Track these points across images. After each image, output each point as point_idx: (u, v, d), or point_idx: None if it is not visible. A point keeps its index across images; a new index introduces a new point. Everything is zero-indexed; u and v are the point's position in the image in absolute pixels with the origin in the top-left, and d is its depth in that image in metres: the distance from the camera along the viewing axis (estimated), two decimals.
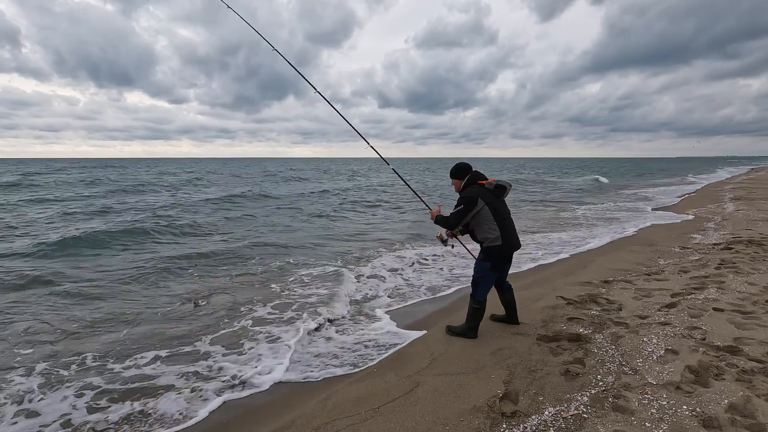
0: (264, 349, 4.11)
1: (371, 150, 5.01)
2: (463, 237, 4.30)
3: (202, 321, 4.88)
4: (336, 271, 6.84)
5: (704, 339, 3.55)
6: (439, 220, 3.93)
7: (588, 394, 2.83)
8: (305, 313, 4.98)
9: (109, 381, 3.60)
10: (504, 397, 2.86)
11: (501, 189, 3.79)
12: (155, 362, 3.92)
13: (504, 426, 2.57)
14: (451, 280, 6.37)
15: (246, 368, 3.75)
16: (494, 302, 4.23)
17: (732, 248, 6.94)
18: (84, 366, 3.86)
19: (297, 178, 38.01)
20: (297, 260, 7.75)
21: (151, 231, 10.59)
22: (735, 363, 3.11)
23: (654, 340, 3.56)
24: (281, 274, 6.84)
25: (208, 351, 4.12)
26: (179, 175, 40.48)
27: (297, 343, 4.20)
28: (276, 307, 5.28)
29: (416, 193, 4.80)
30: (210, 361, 3.91)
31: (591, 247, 8.20)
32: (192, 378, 3.63)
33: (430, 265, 7.28)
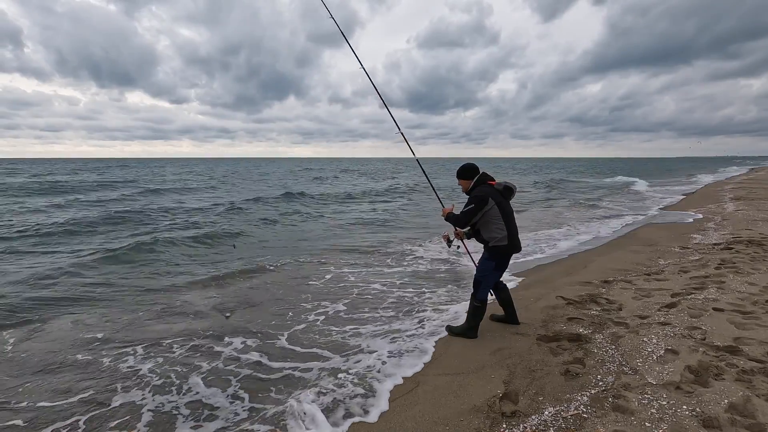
0: None
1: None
2: (468, 242, 4.33)
3: None
4: None
5: (704, 339, 3.55)
6: (450, 218, 4.01)
7: (588, 394, 2.83)
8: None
9: None
10: (504, 397, 2.86)
11: (508, 191, 3.86)
12: None
13: (504, 426, 2.57)
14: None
15: None
16: (493, 303, 4.24)
17: (732, 248, 6.93)
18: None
19: (331, 178, 36.66)
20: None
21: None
22: (735, 363, 3.11)
23: (654, 340, 3.56)
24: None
25: None
26: (206, 174, 41.21)
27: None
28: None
29: (434, 190, 4.78)
30: None
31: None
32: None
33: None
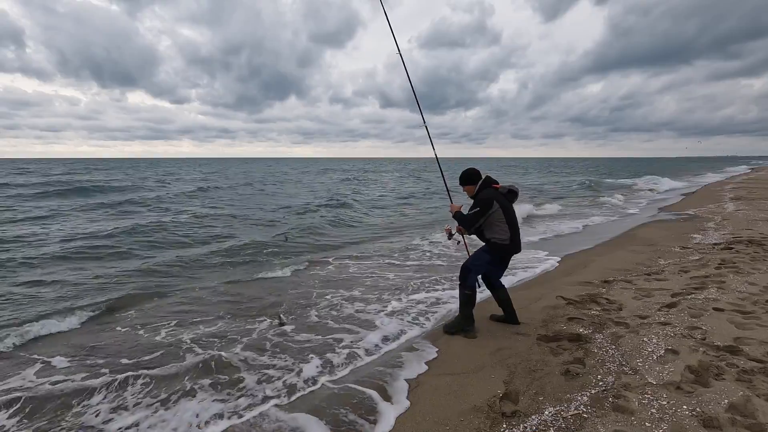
0: None
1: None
2: (469, 237, 4.37)
3: None
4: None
5: (704, 339, 3.54)
6: (458, 216, 4.09)
7: (588, 394, 2.83)
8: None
9: None
10: (504, 397, 2.86)
11: (513, 194, 3.99)
12: None
13: (504, 426, 2.57)
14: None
15: None
16: (492, 304, 4.24)
17: (732, 248, 6.93)
18: None
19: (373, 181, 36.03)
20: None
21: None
22: (735, 363, 3.11)
23: (654, 340, 3.56)
24: None
25: None
26: (240, 174, 41.86)
27: None
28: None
29: (446, 186, 4.80)
30: None
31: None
32: None
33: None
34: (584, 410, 2.65)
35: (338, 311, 4.99)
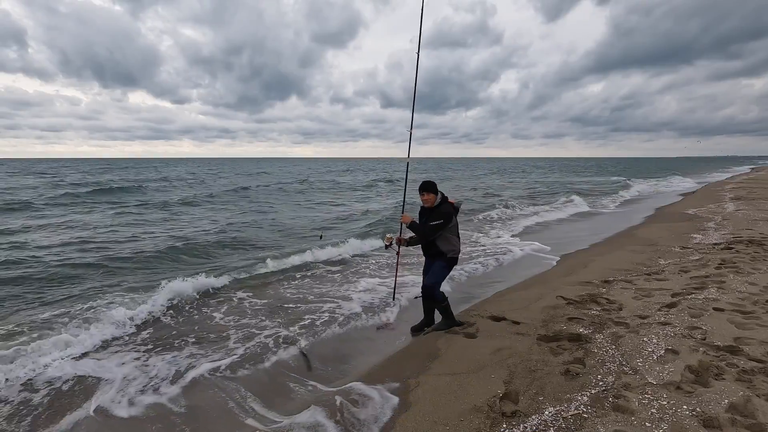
0: None
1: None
2: (405, 249, 4.54)
3: None
4: None
5: (704, 339, 3.54)
6: (415, 227, 4.17)
7: (588, 394, 2.83)
8: None
9: None
10: (504, 397, 2.86)
11: (458, 210, 4.21)
12: None
13: (504, 426, 2.57)
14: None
15: None
16: (494, 303, 4.24)
17: (732, 248, 6.93)
18: None
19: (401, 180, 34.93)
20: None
21: None
22: (735, 363, 3.11)
23: (654, 340, 3.56)
24: None
25: None
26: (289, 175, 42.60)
27: None
28: None
29: (404, 194, 4.97)
30: None
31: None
32: None
33: None
34: (584, 410, 2.65)
35: None
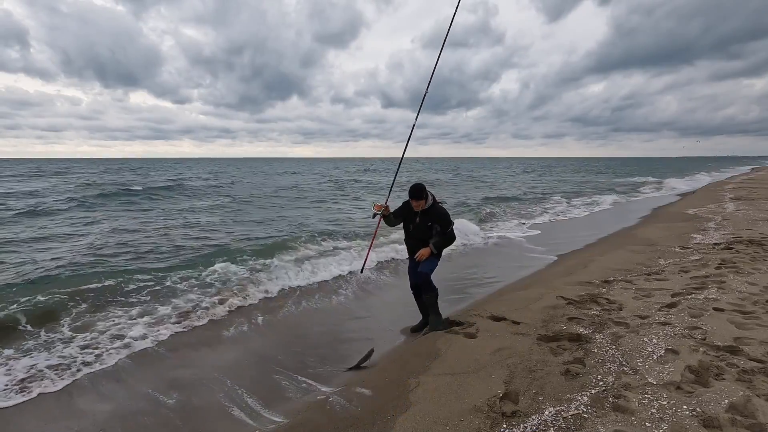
0: None
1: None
2: (380, 225, 4.36)
3: None
4: None
5: (704, 339, 3.54)
6: (441, 244, 4.10)
7: (588, 394, 2.82)
8: None
9: None
10: (504, 397, 2.86)
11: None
12: None
13: (504, 426, 2.57)
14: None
15: None
16: (494, 303, 4.23)
17: (732, 248, 6.93)
18: None
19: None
20: None
21: None
22: (735, 363, 3.11)
23: (654, 340, 3.56)
24: None
25: None
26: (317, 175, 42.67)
27: None
28: None
29: (389, 192, 4.88)
30: None
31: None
32: None
33: None
34: (584, 410, 2.65)
35: None
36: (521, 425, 2.56)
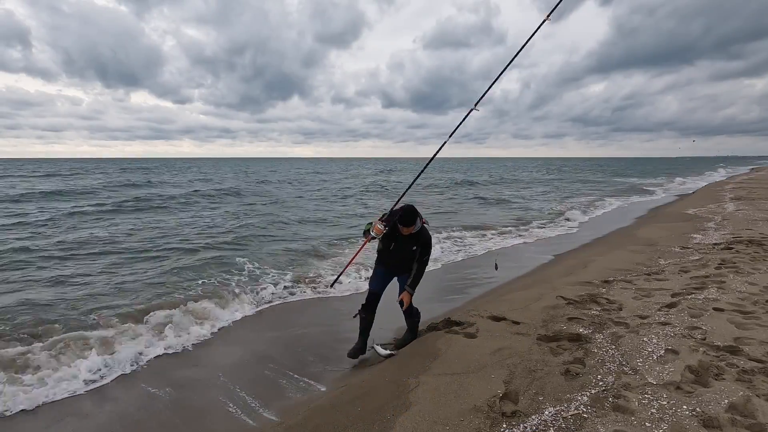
0: None
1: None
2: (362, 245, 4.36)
3: None
4: None
5: (704, 339, 3.54)
6: (418, 279, 3.97)
7: (588, 394, 2.82)
8: None
9: None
10: (504, 397, 2.85)
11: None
12: None
13: (504, 426, 2.57)
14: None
15: None
16: (494, 304, 4.23)
17: (732, 248, 6.92)
18: None
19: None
20: None
21: None
22: (735, 363, 3.10)
23: (654, 340, 3.56)
24: None
25: None
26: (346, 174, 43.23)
27: None
28: None
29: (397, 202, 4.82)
30: None
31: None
32: None
33: None
34: (584, 410, 2.65)
35: None
36: (521, 425, 2.56)
